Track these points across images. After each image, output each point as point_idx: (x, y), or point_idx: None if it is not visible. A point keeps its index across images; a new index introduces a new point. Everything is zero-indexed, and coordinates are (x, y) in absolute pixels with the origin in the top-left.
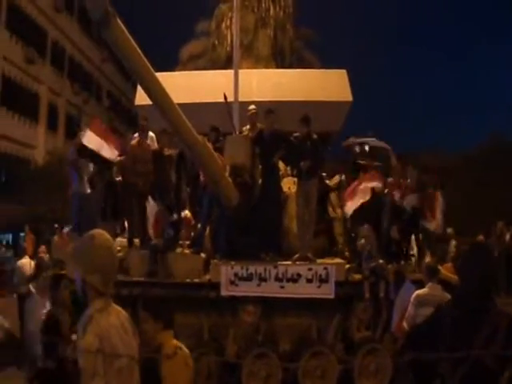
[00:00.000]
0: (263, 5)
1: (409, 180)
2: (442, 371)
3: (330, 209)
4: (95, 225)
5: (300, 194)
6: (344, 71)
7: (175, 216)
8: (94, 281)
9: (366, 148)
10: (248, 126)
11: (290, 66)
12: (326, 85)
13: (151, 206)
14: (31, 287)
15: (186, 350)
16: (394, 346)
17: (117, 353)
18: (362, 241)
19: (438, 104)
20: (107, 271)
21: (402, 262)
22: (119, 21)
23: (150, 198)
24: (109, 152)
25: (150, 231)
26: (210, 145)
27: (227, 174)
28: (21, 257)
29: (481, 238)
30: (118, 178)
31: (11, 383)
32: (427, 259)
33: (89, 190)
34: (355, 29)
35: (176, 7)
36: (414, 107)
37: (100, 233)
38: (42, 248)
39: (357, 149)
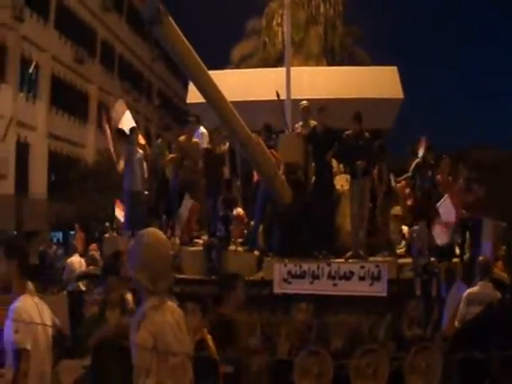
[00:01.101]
0: (313, 2)
1: (461, 180)
2: (492, 370)
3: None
4: (147, 223)
5: (353, 192)
6: (395, 68)
7: (226, 213)
8: (142, 278)
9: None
10: (301, 123)
11: (341, 63)
12: (377, 82)
13: (185, 202)
14: (80, 285)
15: None
16: (445, 344)
17: (171, 350)
18: (415, 238)
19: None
20: (156, 269)
21: (454, 260)
22: (171, 19)
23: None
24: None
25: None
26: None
27: (281, 171)
28: (70, 255)
29: None
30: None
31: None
32: (481, 257)
33: (140, 188)
34: (404, 25)
35: (225, 6)
36: (459, 101)
37: (151, 231)
38: (93, 246)
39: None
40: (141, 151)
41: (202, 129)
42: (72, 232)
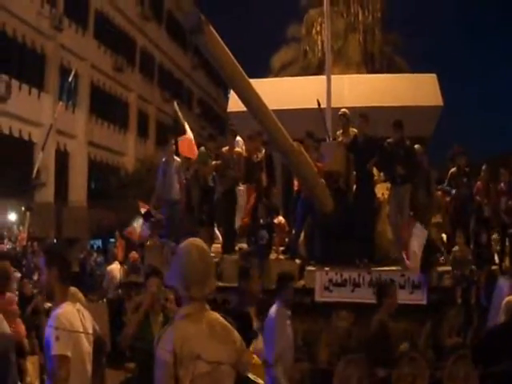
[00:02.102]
0: (352, 10)
1: (502, 184)
2: None
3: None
4: (192, 231)
5: (393, 200)
6: (434, 75)
7: (268, 220)
8: (178, 286)
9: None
10: (341, 131)
11: (381, 71)
12: (417, 89)
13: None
14: (120, 292)
15: None
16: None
17: (195, 359)
18: (456, 247)
19: None
20: (188, 276)
21: (494, 267)
22: (212, 28)
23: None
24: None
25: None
26: (304, 151)
27: (322, 180)
28: (110, 262)
29: None
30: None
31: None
32: None
33: (178, 196)
34: (443, 31)
35: (265, 13)
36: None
37: (190, 240)
38: (133, 254)
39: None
40: (178, 159)
41: (238, 137)
42: (112, 240)
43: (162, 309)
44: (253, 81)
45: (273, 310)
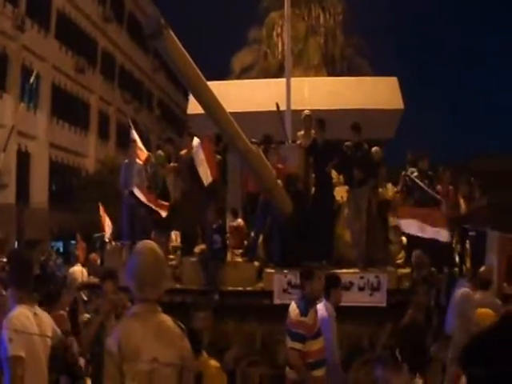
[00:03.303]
0: (313, 13)
1: (463, 187)
2: None
3: (391, 218)
4: (147, 234)
5: (351, 203)
6: (395, 79)
7: (219, 223)
8: (131, 286)
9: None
10: (302, 132)
11: (341, 74)
12: (377, 93)
13: None
14: (82, 294)
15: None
16: (446, 353)
17: (137, 357)
18: (416, 250)
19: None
20: (142, 277)
21: (455, 269)
22: (171, 32)
23: None
24: (204, 175)
25: None
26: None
27: (281, 183)
28: (72, 264)
29: None
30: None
31: None
32: (482, 268)
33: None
34: (404, 35)
35: (226, 15)
36: (463, 111)
37: (144, 242)
38: (94, 256)
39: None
40: (140, 162)
41: (195, 140)
42: (73, 242)
43: (118, 315)
44: (213, 83)
45: (325, 311)
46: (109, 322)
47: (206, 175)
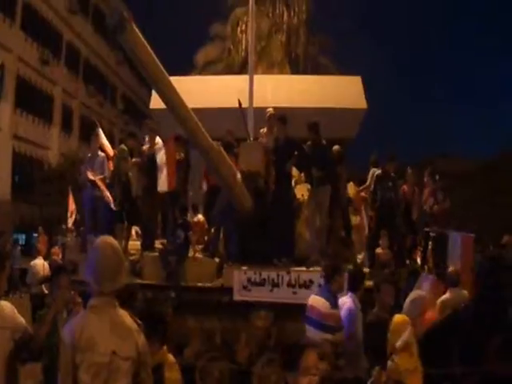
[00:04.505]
0: (277, 10)
1: (428, 188)
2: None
3: (353, 217)
4: (109, 227)
5: (311, 202)
6: (359, 77)
7: (183, 219)
8: (89, 280)
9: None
10: (265, 129)
11: (305, 72)
12: (340, 91)
13: None
14: (43, 288)
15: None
16: None
17: (92, 348)
18: (378, 249)
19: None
20: (100, 271)
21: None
22: (134, 26)
23: None
24: (162, 182)
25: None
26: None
27: (241, 180)
28: (34, 257)
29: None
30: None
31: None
32: (451, 267)
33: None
34: (370, 34)
35: (191, 10)
36: (427, 113)
37: (103, 237)
38: (55, 249)
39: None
40: (102, 154)
41: (157, 137)
42: (35, 234)
43: (68, 310)
44: (175, 78)
45: (351, 302)
46: (61, 315)
47: (163, 183)
